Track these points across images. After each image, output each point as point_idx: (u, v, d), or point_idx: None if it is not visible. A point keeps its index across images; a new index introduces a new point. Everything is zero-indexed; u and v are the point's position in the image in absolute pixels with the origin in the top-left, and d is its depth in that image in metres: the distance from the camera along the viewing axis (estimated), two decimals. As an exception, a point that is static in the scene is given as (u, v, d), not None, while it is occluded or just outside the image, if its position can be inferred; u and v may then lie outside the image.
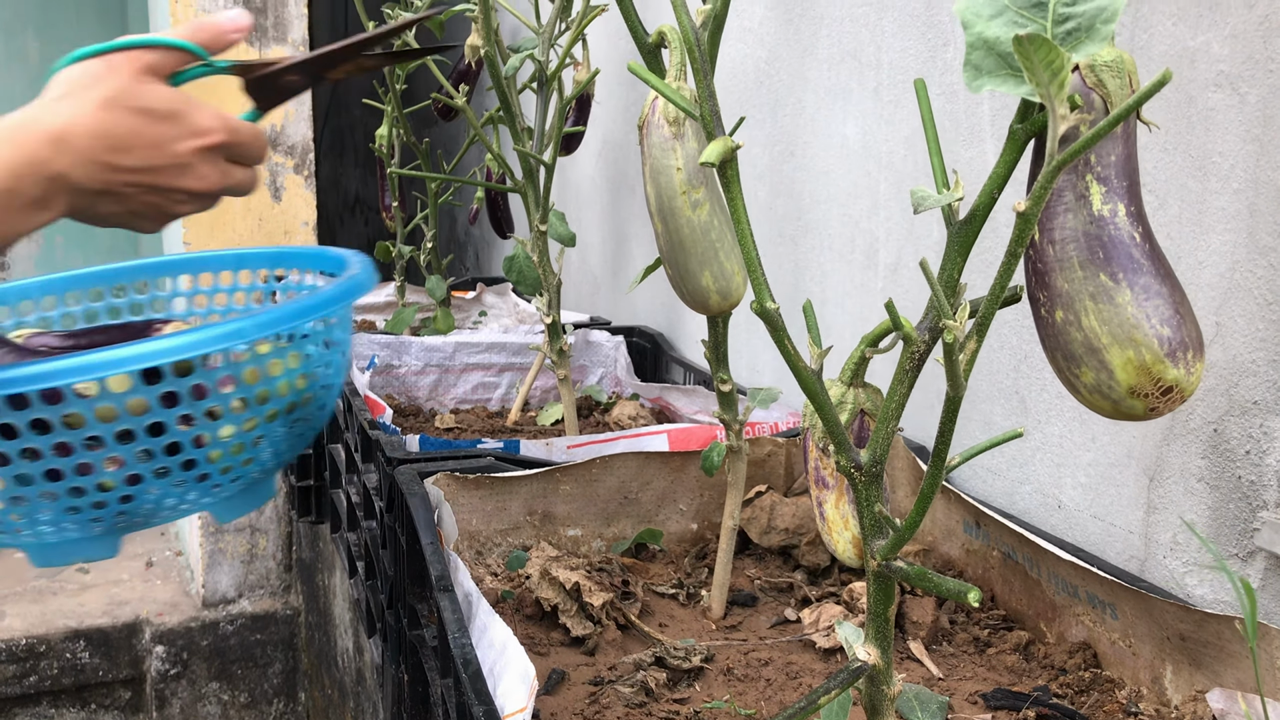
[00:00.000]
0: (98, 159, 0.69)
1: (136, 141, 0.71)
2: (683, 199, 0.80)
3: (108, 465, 0.73)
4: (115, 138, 0.70)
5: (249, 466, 0.79)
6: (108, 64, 0.71)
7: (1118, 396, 0.56)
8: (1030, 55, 0.43)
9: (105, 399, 0.72)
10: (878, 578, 0.60)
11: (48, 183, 0.67)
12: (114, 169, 0.70)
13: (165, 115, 0.72)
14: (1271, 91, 0.79)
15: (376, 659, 1.36)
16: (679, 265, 0.84)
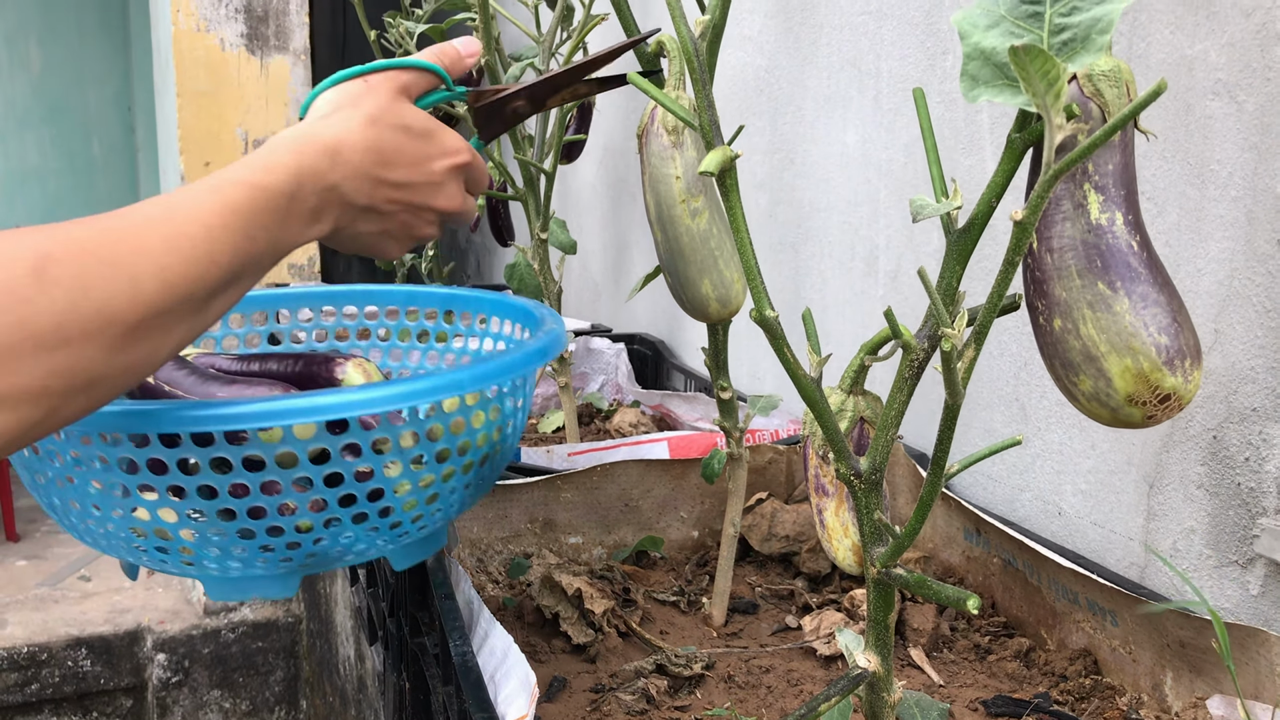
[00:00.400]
0: (368, 173, 0.71)
1: (400, 158, 0.73)
2: (682, 207, 0.81)
3: (310, 508, 0.73)
4: (382, 153, 0.72)
5: (436, 515, 0.80)
6: (367, 84, 0.74)
7: (1116, 404, 0.57)
8: (1026, 66, 0.43)
9: (319, 440, 0.72)
10: (878, 585, 0.60)
11: (324, 193, 0.69)
12: (380, 183, 0.72)
13: (422, 133, 0.74)
14: (1269, 99, 0.79)
15: (378, 666, 1.37)
16: (678, 273, 0.84)
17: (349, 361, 0.86)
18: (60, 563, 2.78)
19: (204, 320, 0.62)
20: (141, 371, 0.58)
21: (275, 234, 0.65)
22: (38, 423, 0.53)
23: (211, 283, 0.60)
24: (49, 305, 0.53)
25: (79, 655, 2.43)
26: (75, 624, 2.46)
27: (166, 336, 0.59)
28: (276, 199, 0.65)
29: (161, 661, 2.51)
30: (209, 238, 0.61)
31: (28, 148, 3.98)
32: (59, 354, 0.53)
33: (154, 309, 0.57)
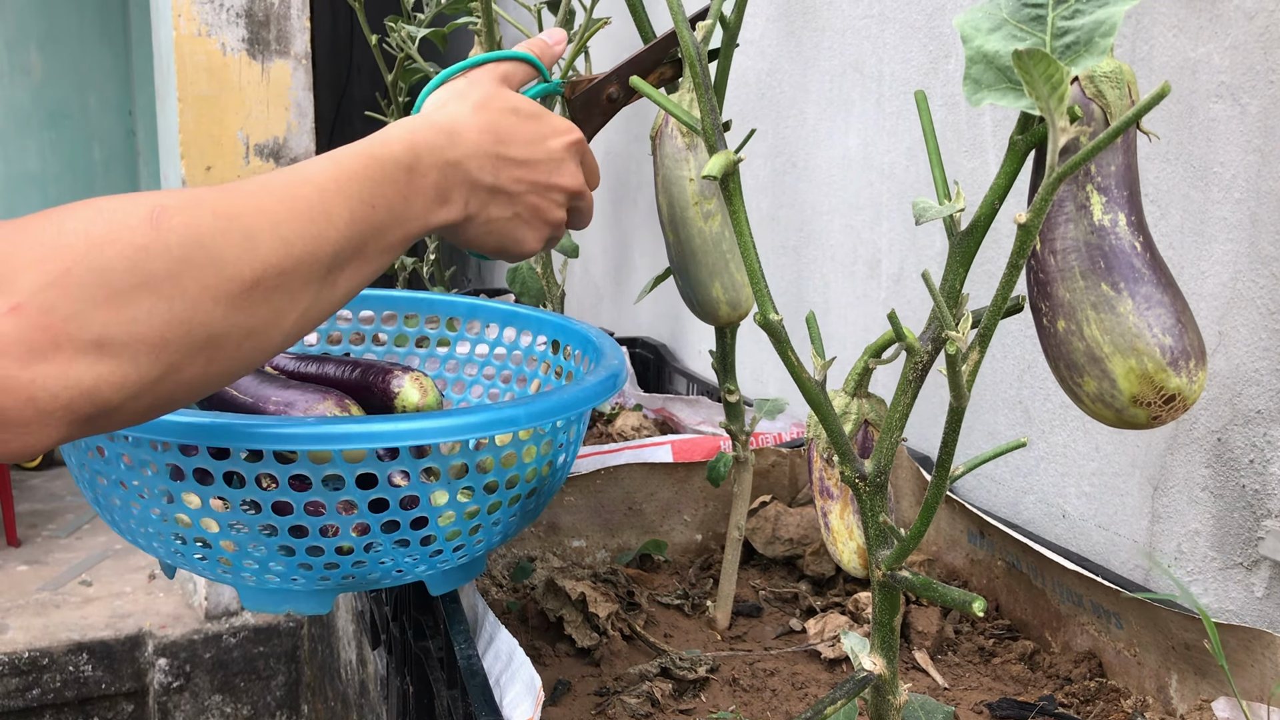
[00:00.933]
0: (488, 151, 0.71)
1: (515, 136, 0.73)
2: (695, 209, 0.81)
3: (353, 530, 0.73)
4: (498, 132, 0.72)
5: (479, 545, 0.79)
6: (468, 78, 0.75)
7: (1120, 405, 0.57)
8: (1029, 69, 0.43)
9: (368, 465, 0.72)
10: (883, 588, 0.60)
11: (446, 169, 0.68)
12: (502, 160, 0.72)
13: (532, 114, 0.75)
14: (1272, 102, 0.79)
15: (380, 670, 1.36)
16: (690, 276, 0.84)
17: (406, 375, 0.86)
18: (61, 567, 2.78)
19: (331, 293, 0.61)
20: (264, 339, 0.57)
21: (398, 208, 0.65)
22: (158, 379, 0.53)
23: (331, 245, 0.59)
24: (164, 252, 0.52)
25: (80, 660, 2.43)
26: (76, 629, 2.46)
27: (290, 301, 0.58)
28: (393, 170, 0.65)
29: (163, 666, 2.51)
30: (324, 198, 0.60)
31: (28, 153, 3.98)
32: (176, 304, 0.52)
33: (272, 267, 0.56)
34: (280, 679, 2.64)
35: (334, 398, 0.80)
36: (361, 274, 0.63)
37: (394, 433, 0.68)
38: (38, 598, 2.60)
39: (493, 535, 0.80)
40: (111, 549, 2.90)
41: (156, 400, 0.54)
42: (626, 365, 0.84)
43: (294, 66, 2.56)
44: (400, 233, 0.66)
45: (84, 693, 2.44)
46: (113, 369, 0.51)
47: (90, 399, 0.50)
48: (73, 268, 0.50)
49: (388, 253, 0.65)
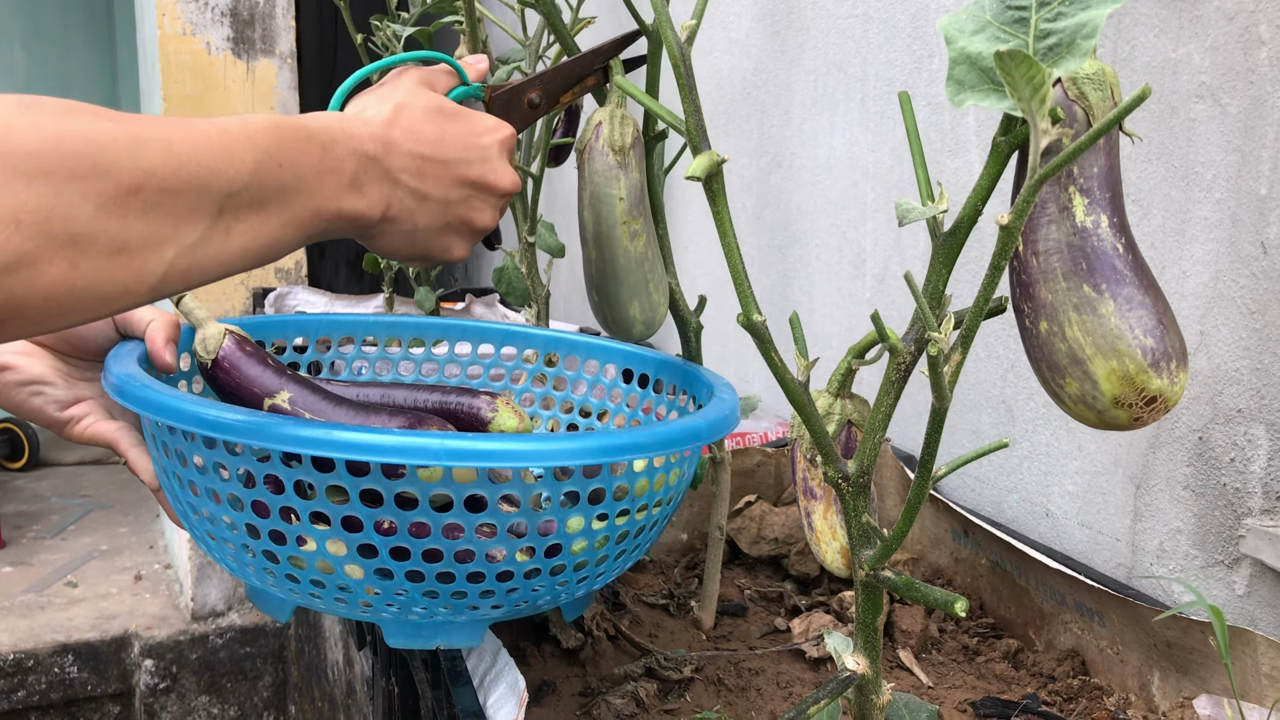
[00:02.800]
0: (411, 151, 0.69)
1: (443, 136, 0.71)
2: (622, 229, 0.80)
3: (519, 556, 0.71)
4: (422, 134, 0.70)
5: (615, 569, 0.78)
6: (386, 81, 0.73)
7: (1102, 407, 0.57)
8: (1012, 71, 0.43)
9: (541, 487, 0.70)
10: (866, 587, 0.60)
11: (364, 160, 0.66)
12: (429, 161, 0.70)
13: (455, 114, 0.73)
14: (1253, 102, 0.80)
15: (367, 671, 1.36)
16: (608, 294, 0.84)
17: (497, 399, 0.83)
18: (47, 569, 2.77)
19: (223, 242, 0.57)
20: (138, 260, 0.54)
21: (308, 178, 0.62)
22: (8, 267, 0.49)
23: (226, 181, 0.56)
24: (30, 131, 0.50)
25: (66, 662, 2.42)
26: (62, 630, 2.45)
27: (173, 227, 0.54)
28: (304, 140, 0.62)
29: (149, 668, 2.50)
30: (225, 138, 0.57)
31: (12, 152, 3.96)
32: (36, 186, 0.49)
33: (154, 178, 0.53)
34: (267, 680, 2.63)
35: (436, 424, 0.76)
36: (261, 234, 0.60)
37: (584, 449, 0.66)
38: (23, 599, 2.59)
39: (629, 559, 0.79)
40: (98, 550, 2.89)
41: (8, 296, 0.50)
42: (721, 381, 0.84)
43: (279, 66, 2.55)
44: (309, 205, 0.62)
45: (69, 694, 2.43)
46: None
47: None
48: None
49: (294, 225, 0.62)
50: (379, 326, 1.01)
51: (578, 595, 0.79)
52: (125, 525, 3.08)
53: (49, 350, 0.80)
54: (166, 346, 0.80)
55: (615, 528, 0.73)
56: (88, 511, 3.17)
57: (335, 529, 0.69)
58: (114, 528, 3.06)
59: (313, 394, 0.78)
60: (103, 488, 3.37)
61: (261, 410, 0.77)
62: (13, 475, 3.45)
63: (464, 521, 0.68)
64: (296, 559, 0.71)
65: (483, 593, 0.72)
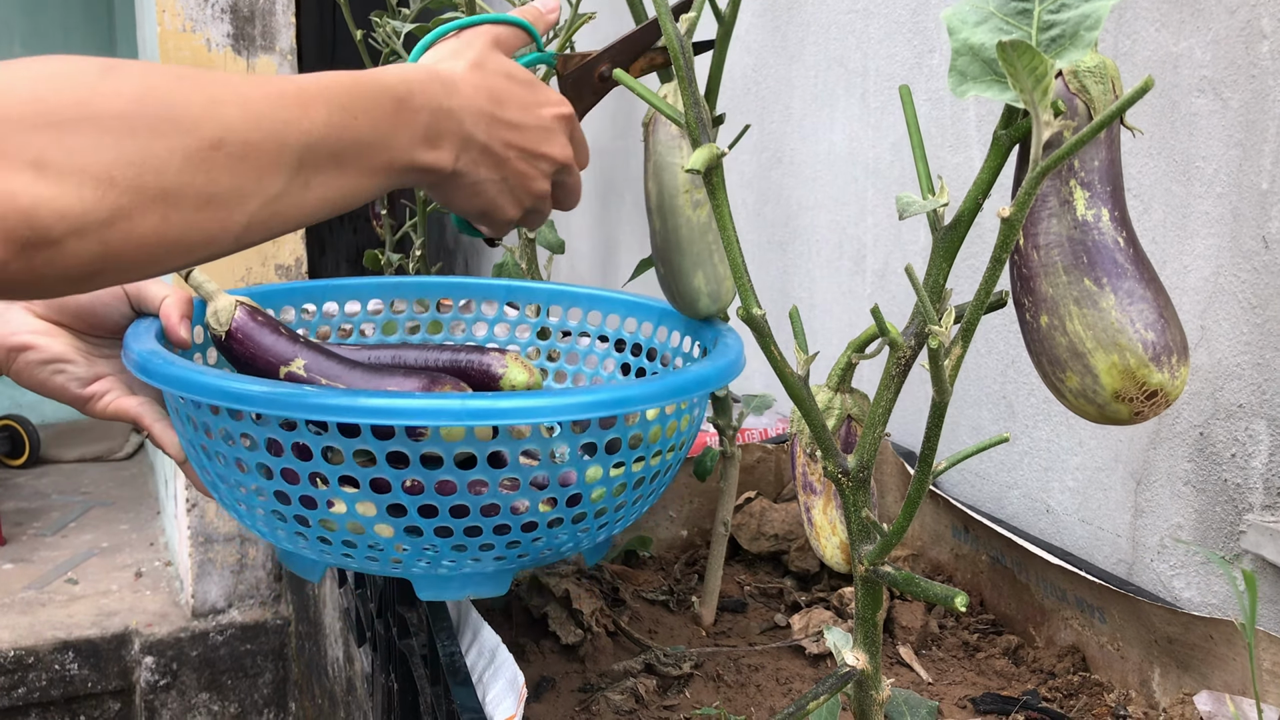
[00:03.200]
0: (482, 109, 0.70)
1: (510, 99, 0.72)
2: (684, 197, 0.80)
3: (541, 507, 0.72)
4: (493, 92, 0.71)
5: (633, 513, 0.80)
6: (461, 38, 0.75)
7: (1103, 401, 0.57)
8: (1014, 61, 0.43)
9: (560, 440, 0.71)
10: (865, 583, 0.60)
11: (439, 115, 0.67)
12: (495, 121, 0.71)
13: (525, 81, 0.74)
14: (1254, 96, 0.79)
15: (366, 668, 1.36)
16: (673, 264, 0.83)
17: (505, 355, 0.85)
18: (47, 566, 2.77)
19: (302, 194, 0.59)
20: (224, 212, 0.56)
21: (384, 131, 0.63)
22: (105, 221, 0.51)
23: (303, 135, 0.58)
24: (114, 94, 0.52)
25: (66, 659, 2.42)
26: (62, 627, 2.45)
27: (255, 180, 0.57)
28: (381, 94, 0.63)
29: (149, 664, 2.50)
30: (301, 93, 0.59)
31: (12, 149, 3.95)
32: (126, 144, 0.52)
33: (235, 133, 0.55)
34: (268, 676, 2.63)
35: (451, 383, 0.77)
36: (338, 186, 0.62)
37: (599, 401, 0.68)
38: (23, 596, 2.59)
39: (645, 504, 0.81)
40: (98, 547, 2.89)
41: (105, 248, 0.52)
42: None
43: (279, 62, 2.55)
44: (384, 157, 0.64)
45: (70, 691, 2.43)
46: (54, 194, 0.49)
47: (27, 220, 0.49)
48: (9, 92, 0.49)
49: (369, 175, 0.64)
50: (384, 288, 1.02)
51: (599, 540, 0.80)
52: (125, 522, 3.08)
53: (67, 329, 0.82)
54: (181, 322, 0.81)
55: (632, 474, 0.75)
56: (88, 509, 3.17)
57: (364, 491, 0.70)
58: (114, 525, 3.06)
59: (327, 359, 0.80)
60: (103, 485, 3.37)
61: (278, 378, 0.79)
62: (13, 472, 3.45)
63: (488, 477, 0.70)
64: (328, 521, 0.72)
65: (509, 543, 0.73)
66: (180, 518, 2.59)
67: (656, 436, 0.75)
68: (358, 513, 0.71)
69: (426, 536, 0.72)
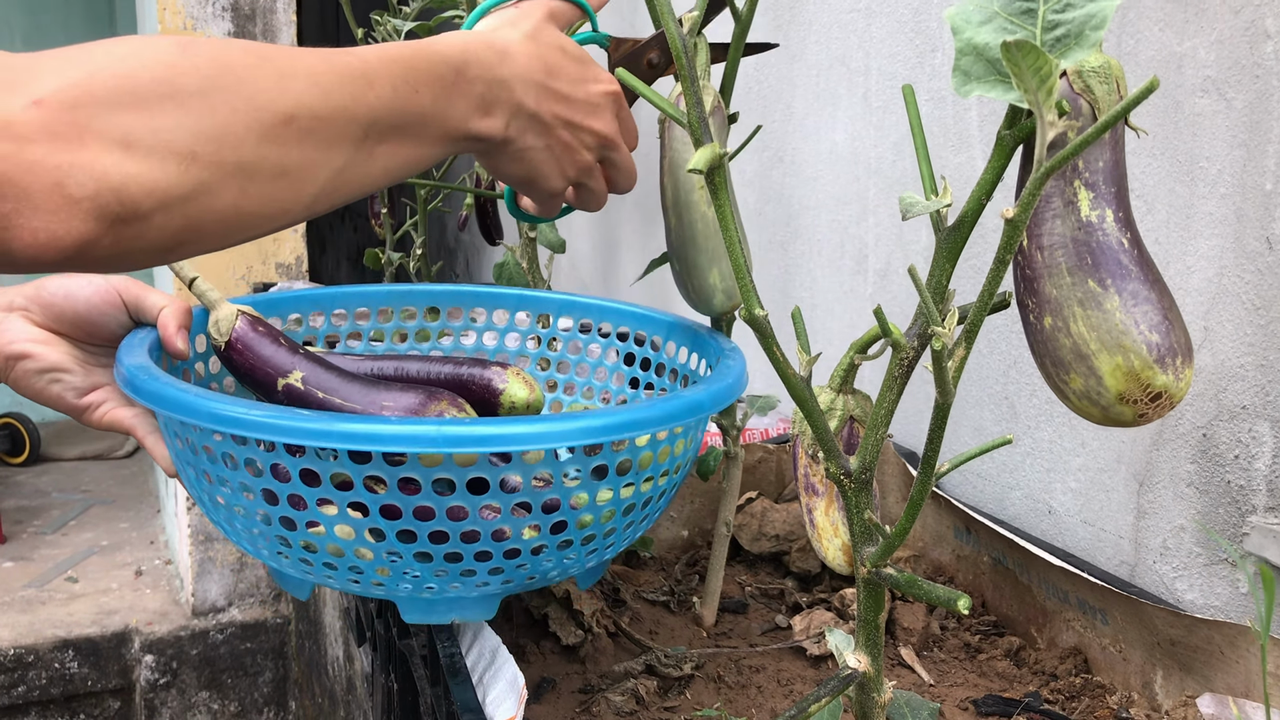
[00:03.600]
0: (534, 79, 0.71)
1: (561, 71, 0.73)
2: (700, 193, 0.80)
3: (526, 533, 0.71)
4: (546, 63, 0.73)
5: (624, 539, 0.78)
6: (518, 9, 0.76)
7: (1107, 403, 0.56)
8: (1018, 61, 0.43)
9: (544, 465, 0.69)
10: (868, 585, 0.60)
11: (494, 84, 0.69)
12: (546, 91, 0.72)
13: (578, 56, 0.76)
14: (1258, 96, 0.79)
15: (366, 667, 1.36)
16: (688, 261, 0.83)
17: (507, 371, 0.84)
18: (47, 564, 2.77)
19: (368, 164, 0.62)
20: (297, 183, 0.58)
21: (442, 102, 0.65)
22: (188, 195, 0.53)
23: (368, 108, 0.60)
24: (192, 70, 0.54)
25: (66, 657, 2.41)
26: (62, 625, 2.45)
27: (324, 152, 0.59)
28: (441, 65, 0.65)
29: (149, 663, 2.50)
30: (365, 66, 0.61)
31: (13, 147, 3.95)
32: (205, 121, 0.54)
33: (305, 107, 0.57)
34: (268, 675, 2.63)
35: (448, 398, 0.76)
36: (400, 156, 0.64)
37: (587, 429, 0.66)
38: (23, 594, 2.59)
39: (638, 530, 0.79)
40: (98, 545, 2.89)
41: (188, 221, 0.54)
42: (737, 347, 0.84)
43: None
44: (443, 127, 0.66)
45: (70, 690, 2.43)
46: (141, 170, 0.52)
47: (118, 196, 0.51)
48: (96, 74, 0.51)
49: (428, 145, 0.65)
50: (392, 296, 1.02)
51: (589, 566, 0.79)
52: (126, 521, 3.07)
53: (66, 338, 0.82)
54: (178, 333, 0.81)
55: (621, 501, 0.73)
56: (88, 507, 3.17)
57: (342, 514, 0.69)
58: (114, 523, 3.05)
59: (326, 371, 0.79)
60: (103, 483, 3.37)
61: (276, 389, 0.78)
62: (13, 470, 3.45)
63: (467, 503, 0.68)
64: (309, 543, 0.71)
65: (491, 570, 0.72)
66: (180, 516, 2.59)
67: (648, 462, 0.73)
68: (337, 535, 0.70)
69: (406, 560, 0.70)
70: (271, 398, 0.80)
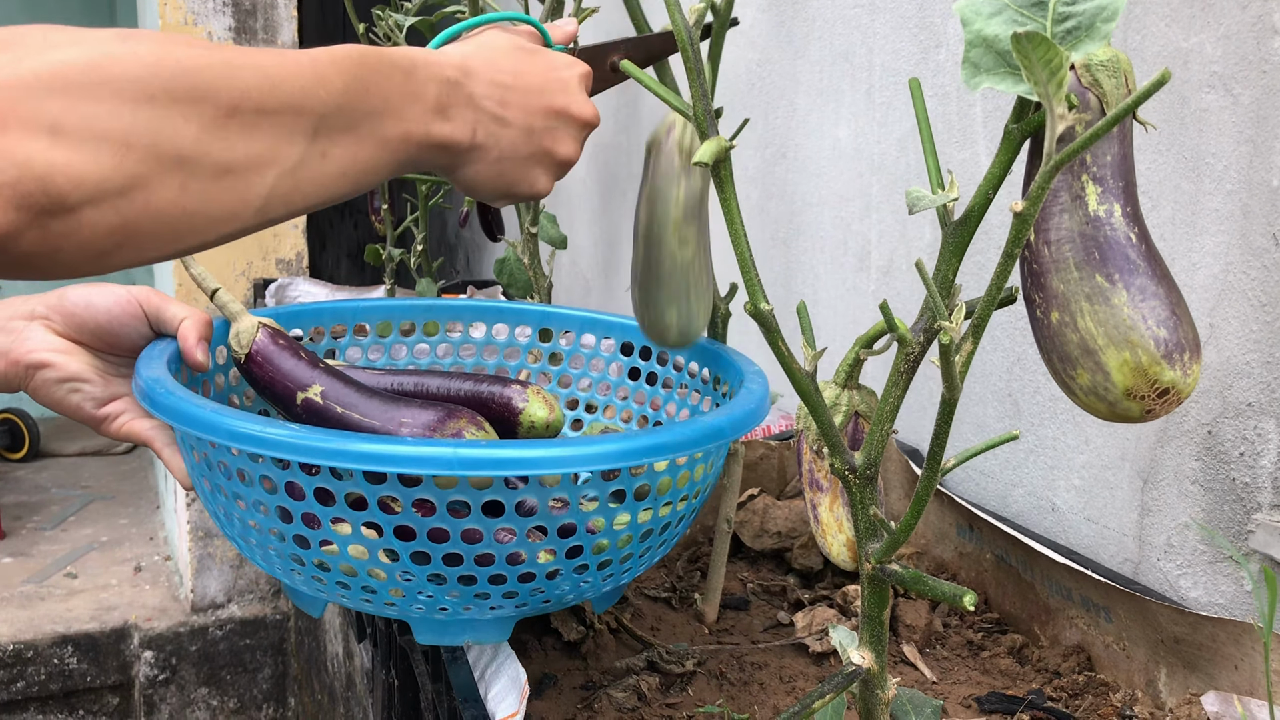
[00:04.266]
0: (492, 79, 0.70)
1: (524, 66, 0.72)
2: (673, 233, 0.79)
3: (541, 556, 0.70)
4: (500, 64, 0.71)
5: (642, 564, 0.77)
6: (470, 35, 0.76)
7: (1114, 399, 0.56)
8: (1029, 53, 0.43)
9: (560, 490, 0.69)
10: (872, 581, 0.60)
11: (447, 84, 0.67)
12: (509, 89, 0.71)
13: (534, 50, 0.74)
14: (1264, 92, 0.79)
15: (366, 664, 1.36)
16: (649, 294, 0.82)
17: (527, 389, 0.83)
18: (46, 560, 2.77)
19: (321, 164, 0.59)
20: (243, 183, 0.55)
21: (395, 101, 0.63)
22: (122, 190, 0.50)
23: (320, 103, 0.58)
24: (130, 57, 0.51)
25: (65, 653, 2.41)
26: (61, 621, 2.45)
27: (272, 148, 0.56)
28: (388, 66, 0.63)
29: (149, 659, 2.49)
30: (315, 63, 0.59)
31: (13, 142, 3.95)
32: (142, 110, 0.51)
33: (251, 99, 0.55)
34: (267, 671, 2.63)
35: (467, 416, 0.76)
36: (359, 159, 0.61)
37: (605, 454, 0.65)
38: (22, 590, 2.59)
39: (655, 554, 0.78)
40: (97, 541, 2.89)
41: (123, 219, 0.51)
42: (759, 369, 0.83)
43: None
44: (399, 129, 0.64)
45: (69, 685, 2.43)
46: (69, 159, 0.48)
47: (42, 185, 0.48)
48: (25, 58, 0.49)
49: (387, 149, 0.63)
50: (416, 310, 1.02)
51: (605, 590, 0.78)
52: (125, 517, 3.07)
53: (86, 348, 0.81)
54: (199, 345, 0.81)
55: (638, 526, 0.72)
56: (88, 503, 3.17)
57: (356, 534, 0.68)
58: (114, 519, 3.05)
59: (345, 386, 0.79)
60: (103, 479, 3.36)
61: (295, 403, 0.78)
62: (13, 466, 3.44)
63: (482, 525, 0.67)
64: (322, 561, 0.71)
65: (506, 593, 0.71)
66: (180, 512, 2.58)
67: (667, 487, 0.72)
68: (350, 555, 0.70)
69: (419, 582, 0.70)
70: (290, 411, 0.80)
